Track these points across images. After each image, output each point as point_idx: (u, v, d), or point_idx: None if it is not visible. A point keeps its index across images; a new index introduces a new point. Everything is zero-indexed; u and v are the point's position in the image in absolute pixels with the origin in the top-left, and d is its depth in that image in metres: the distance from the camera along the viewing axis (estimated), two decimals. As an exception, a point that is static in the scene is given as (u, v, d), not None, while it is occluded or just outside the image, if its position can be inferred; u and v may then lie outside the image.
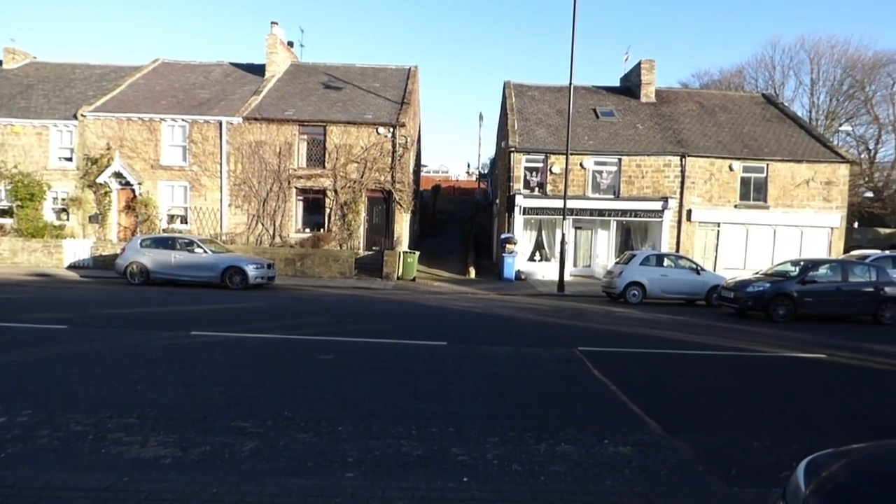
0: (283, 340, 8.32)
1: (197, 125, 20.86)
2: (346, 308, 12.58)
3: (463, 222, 35.55)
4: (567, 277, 18.41)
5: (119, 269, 15.57)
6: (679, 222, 21.81)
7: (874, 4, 74.22)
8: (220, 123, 20.75)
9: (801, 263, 14.03)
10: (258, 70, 24.57)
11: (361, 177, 20.86)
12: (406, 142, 21.10)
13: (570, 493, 3.63)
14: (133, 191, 20.95)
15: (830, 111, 43.06)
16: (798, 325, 12.27)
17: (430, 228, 33.18)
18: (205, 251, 15.64)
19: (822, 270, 13.55)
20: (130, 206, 21.07)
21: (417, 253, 20.42)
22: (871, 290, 13.20)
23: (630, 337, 9.99)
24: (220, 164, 20.88)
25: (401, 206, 21.06)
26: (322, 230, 21.03)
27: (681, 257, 16.98)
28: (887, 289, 13.19)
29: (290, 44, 26.77)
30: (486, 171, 45.85)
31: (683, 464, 4.25)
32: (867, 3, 74.81)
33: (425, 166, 53.23)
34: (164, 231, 20.33)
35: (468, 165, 62.72)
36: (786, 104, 30.16)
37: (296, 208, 21.31)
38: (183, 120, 20.88)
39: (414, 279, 19.55)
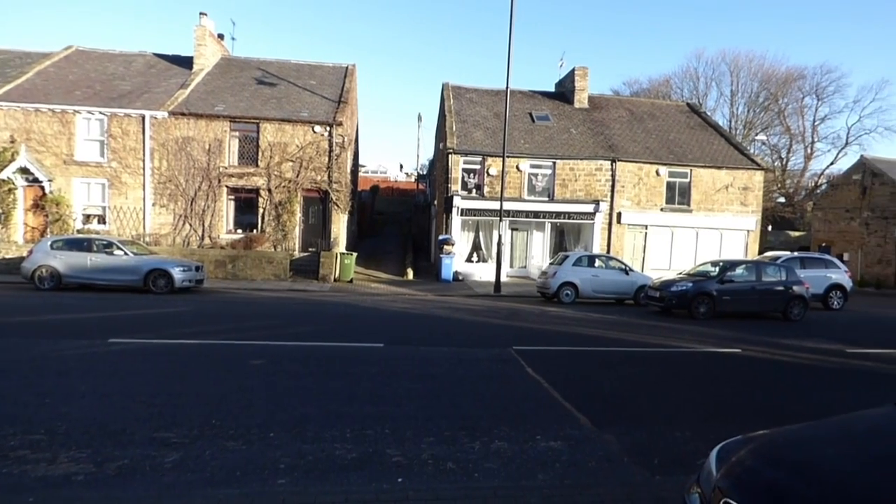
0: (211, 346, 7.96)
1: (117, 118, 19.60)
2: (281, 311, 12.22)
3: (401, 223, 35.44)
4: (503, 278, 18.74)
5: (25, 273, 14.36)
6: (610, 224, 22.71)
7: (787, 22, 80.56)
8: (143, 117, 19.60)
9: (720, 264, 14.95)
10: (185, 62, 23.42)
11: (297, 176, 20.33)
12: (343, 141, 20.77)
13: (503, 488, 3.69)
14: (42, 188, 19.38)
15: (748, 121, 46.47)
16: (717, 321, 13.07)
17: (368, 229, 32.85)
18: (125, 253, 14.71)
19: (739, 271, 14.50)
20: (39, 205, 19.47)
21: (355, 254, 20.16)
22: (782, 288, 14.25)
23: (563, 336, 10.29)
24: (143, 161, 19.71)
25: (338, 206, 20.71)
26: (255, 231, 20.32)
27: (611, 258, 17.68)
28: (795, 287, 14.29)
29: (221, 36, 25.70)
30: (425, 173, 45.94)
31: (610, 456, 4.42)
32: (781, 21, 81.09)
33: (363, 166, 52.65)
34: (78, 232, 18.92)
35: (401, 166, 62.64)
36: (708, 113, 32.13)
37: (227, 208, 20.47)
38: (101, 113, 19.55)
39: (351, 281, 19.27)
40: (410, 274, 21.60)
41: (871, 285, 26.55)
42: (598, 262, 16.70)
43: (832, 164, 45.67)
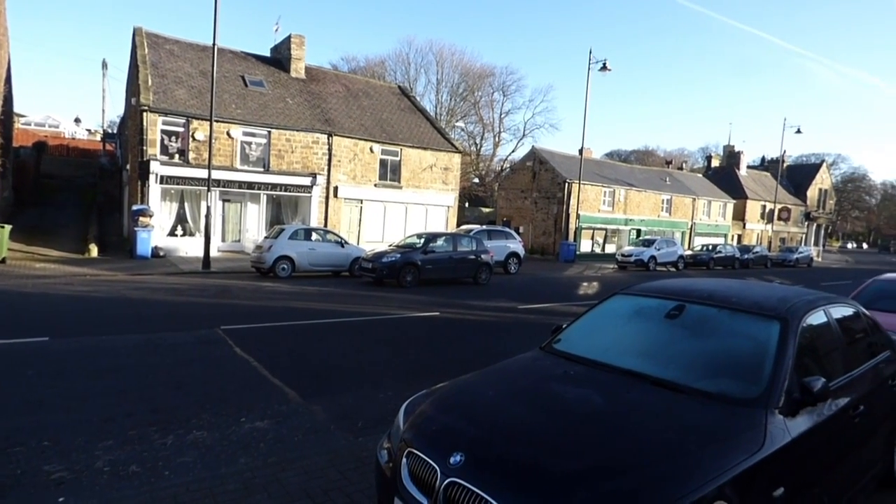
0: None
1: None
2: None
3: (83, 190, 29.30)
4: (214, 253, 17.26)
5: None
6: (327, 198, 22.97)
7: (483, 22, 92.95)
8: None
9: (424, 237, 16.59)
10: None
11: None
12: (-16, 80, 15.88)
13: (197, 481, 3.41)
14: None
15: (450, 109, 52.49)
16: (422, 288, 14.55)
17: (32, 196, 26.14)
18: None
19: (439, 242, 16.35)
20: None
21: (9, 227, 15.76)
22: (473, 257, 16.62)
23: (277, 311, 10.06)
24: None
25: (-21, 165, 15.85)
26: None
27: (328, 231, 17.92)
28: (482, 256, 16.84)
29: None
30: (114, 131, 38.79)
31: (317, 426, 4.51)
32: (478, 20, 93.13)
33: (22, 116, 41.59)
34: None
35: (77, 120, 51.66)
36: (418, 98, 35.00)
37: None
38: None
39: (3, 260, 15.09)
40: (94, 251, 18.07)
41: (538, 252, 33.29)
42: (314, 236, 16.76)
43: (513, 151, 55.33)
